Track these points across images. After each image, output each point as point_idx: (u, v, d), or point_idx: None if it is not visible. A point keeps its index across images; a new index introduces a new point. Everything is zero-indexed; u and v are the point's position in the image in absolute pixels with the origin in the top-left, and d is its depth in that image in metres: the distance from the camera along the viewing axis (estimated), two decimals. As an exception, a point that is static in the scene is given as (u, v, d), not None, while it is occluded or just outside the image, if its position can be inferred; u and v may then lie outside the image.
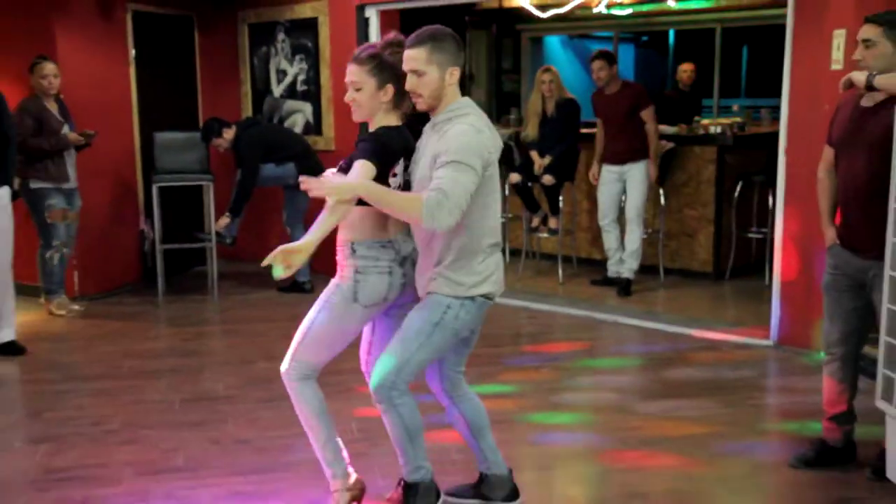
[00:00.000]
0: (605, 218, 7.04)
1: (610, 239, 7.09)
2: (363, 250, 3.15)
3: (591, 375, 5.22)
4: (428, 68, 2.99)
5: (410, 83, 3.02)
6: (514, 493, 3.43)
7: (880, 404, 3.59)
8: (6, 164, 5.43)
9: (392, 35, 3.22)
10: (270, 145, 6.83)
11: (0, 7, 6.75)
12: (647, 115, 6.78)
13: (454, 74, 3.04)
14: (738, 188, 7.08)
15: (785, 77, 5.42)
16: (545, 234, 7.55)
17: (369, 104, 3.16)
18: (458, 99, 3.09)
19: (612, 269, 7.11)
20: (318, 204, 3.02)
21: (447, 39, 3.03)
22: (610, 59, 6.89)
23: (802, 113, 5.27)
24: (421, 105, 3.07)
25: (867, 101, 3.56)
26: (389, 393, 3.10)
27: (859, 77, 3.47)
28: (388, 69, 3.12)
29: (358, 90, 3.13)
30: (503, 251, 8.00)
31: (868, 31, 3.49)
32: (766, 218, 6.87)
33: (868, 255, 3.55)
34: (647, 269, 7.17)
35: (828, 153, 3.75)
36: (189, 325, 6.36)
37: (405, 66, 3.03)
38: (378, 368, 3.13)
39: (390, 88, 3.14)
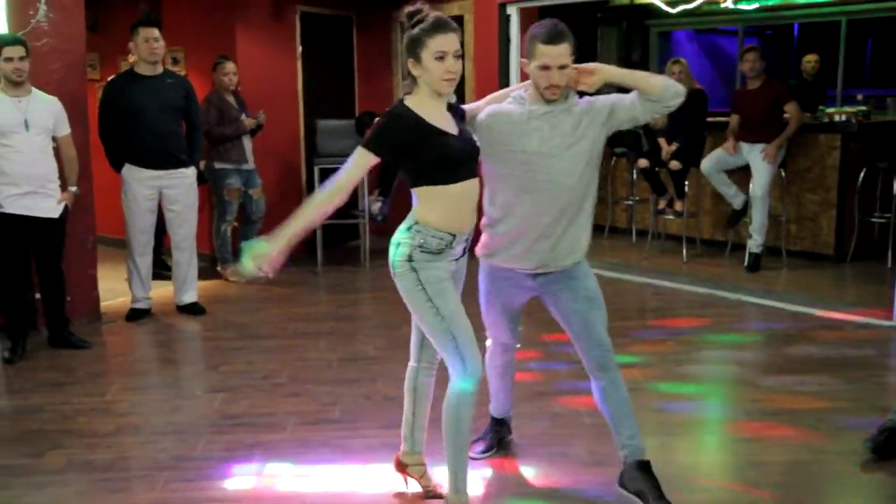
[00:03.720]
0: (708, 168, 6.80)
1: (719, 180, 6.84)
2: None
3: (714, 349, 5.02)
4: (569, 61, 2.87)
5: (554, 77, 2.84)
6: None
7: None
8: (194, 148, 5.66)
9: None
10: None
11: (190, 12, 7.02)
12: (791, 108, 6.54)
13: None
14: (862, 174, 6.67)
15: (915, 66, 5.04)
16: (671, 216, 7.31)
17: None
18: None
19: (737, 203, 6.84)
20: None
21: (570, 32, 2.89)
22: (761, 52, 6.66)
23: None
24: (554, 95, 2.89)
25: None
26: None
27: None
28: None
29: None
30: (630, 231, 7.91)
31: None
32: (890, 203, 6.47)
33: None
34: (769, 251, 6.83)
35: None
36: (344, 293, 6.47)
37: (551, 62, 2.82)
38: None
39: None
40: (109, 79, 5.79)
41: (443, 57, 2.66)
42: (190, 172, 5.60)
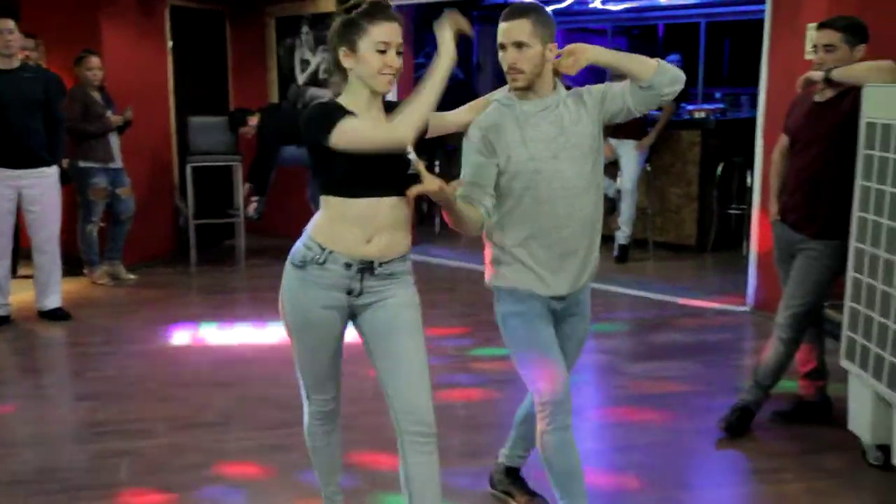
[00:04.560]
0: None
1: None
2: None
3: (583, 339, 5.18)
4: (531, 41, 2.50)
5: (509, 56, 2.51)
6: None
7: (844, 363, 3.59)
8: (56, 145, 5.42)
9: None
10: (292, 128, 6.77)
11: (50, 2, 6.70)
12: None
13: (553, 50, 2.55)
14: (720, 169, 7.02)
15: (762, 67, 5.35)
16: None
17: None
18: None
19: (610, 192, 6.93)
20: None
21: (546, 13, 2.56)
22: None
23: (778, 100, 5.17)
24: (519, 83, 2.54)
25: (820, 97, 3.55)
26: None
27: (817, 74, 3.46)
28: None
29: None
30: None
31: (829, 37, 3.47)
32: (745, 196, 6.82)
33: (802, 231, 3.57)
34: (636, 243, 7.10)
35: (784, 139, 3.77)
36: (219, 293, 6.34)
37: (505, 40, 2.52)
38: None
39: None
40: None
41: (385, 50, 2.33)
42: (51, 171, 5.36)
